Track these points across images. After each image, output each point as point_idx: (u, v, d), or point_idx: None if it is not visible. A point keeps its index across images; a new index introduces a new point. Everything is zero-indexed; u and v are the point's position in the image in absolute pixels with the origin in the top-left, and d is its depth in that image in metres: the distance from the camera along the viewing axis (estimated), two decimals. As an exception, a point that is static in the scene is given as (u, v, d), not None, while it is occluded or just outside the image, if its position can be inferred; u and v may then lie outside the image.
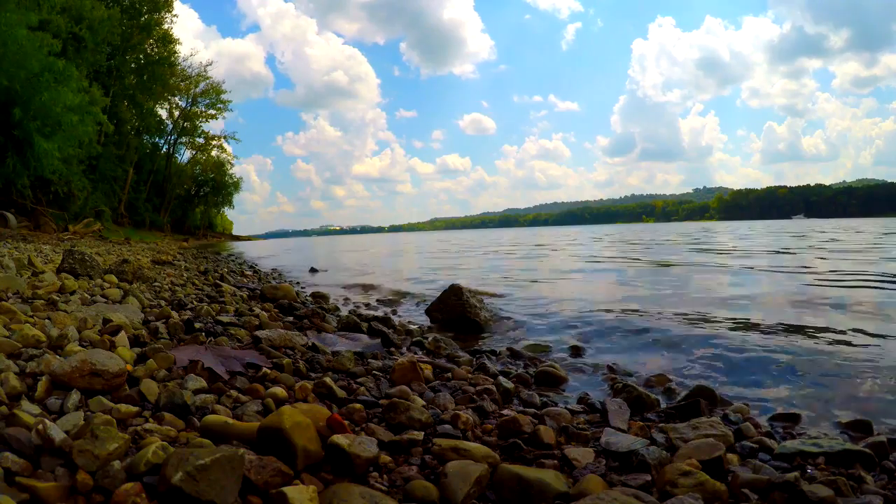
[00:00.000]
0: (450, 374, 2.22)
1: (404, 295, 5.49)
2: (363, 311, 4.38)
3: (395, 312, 4.41)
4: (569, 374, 2.34)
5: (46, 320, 2.10)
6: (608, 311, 3.84)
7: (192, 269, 7.41)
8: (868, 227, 25.90)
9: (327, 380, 1.83)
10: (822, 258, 8.34)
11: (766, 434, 1.58)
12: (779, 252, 10.00)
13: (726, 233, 24.57)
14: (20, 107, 15.33)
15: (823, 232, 20.32)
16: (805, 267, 7.01)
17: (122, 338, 1.96)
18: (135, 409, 1.35)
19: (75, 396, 1.33)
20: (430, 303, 4.04)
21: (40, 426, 1.05)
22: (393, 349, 2.74)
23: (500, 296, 4.93)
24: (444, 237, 43.91)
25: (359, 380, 2.02)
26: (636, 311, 3.84)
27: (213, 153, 48.70)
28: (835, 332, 2.98)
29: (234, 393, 1.63)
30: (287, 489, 1.00)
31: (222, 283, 5.30)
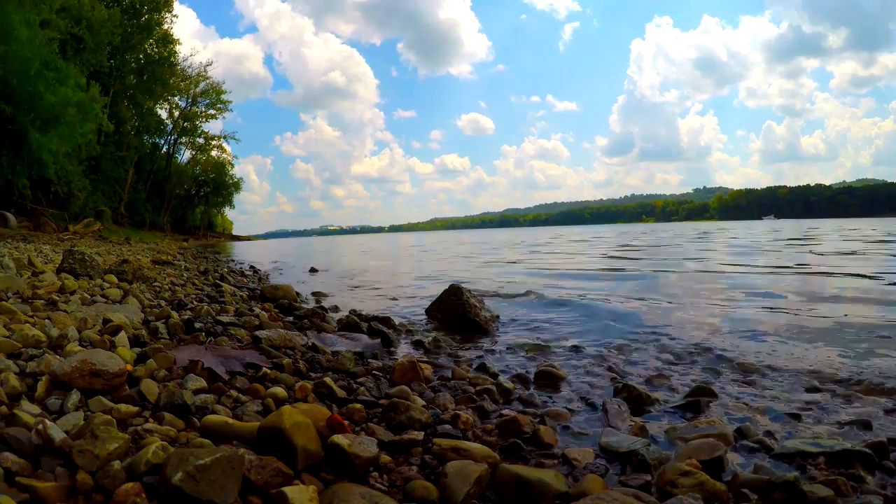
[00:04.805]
0: (450, 374, 2.22)
1: (404, 295, 5.49)
2: (363, 310, 4.37)
3: (394, 312, 4.41)
4: (569, 374, 2.33)
5: (46, 320, 2.10)
6: (608, 311, 3.84)
7: (192, 269, 7.41)
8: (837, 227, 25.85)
9: (327, 380, 1.83)
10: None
11: (767, 434, 1.58)
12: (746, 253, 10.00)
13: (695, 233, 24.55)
14: (14, 102, 15.28)
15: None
16: (793, 267, 7.01)
17: (122, 338, 1.96)
18: (135, 409, 1.35)
19: (75, 396, 1.33)
20: (430, 303, 4.04)
21: (40, 426, 1.05)
22: (393, 349, 2.75)
23: (500, 295, 4.93)
24: (444, 237, 43.89)
25: (359, 380, 2.02)
26: (636, 310, 3.84)
27: (213, 153, 48.73)
28: (834, 331, 2.98)
29: (234, 393, 1.63)
30: (287, 489, 1.00)
31: (222, 283, 5.30)
